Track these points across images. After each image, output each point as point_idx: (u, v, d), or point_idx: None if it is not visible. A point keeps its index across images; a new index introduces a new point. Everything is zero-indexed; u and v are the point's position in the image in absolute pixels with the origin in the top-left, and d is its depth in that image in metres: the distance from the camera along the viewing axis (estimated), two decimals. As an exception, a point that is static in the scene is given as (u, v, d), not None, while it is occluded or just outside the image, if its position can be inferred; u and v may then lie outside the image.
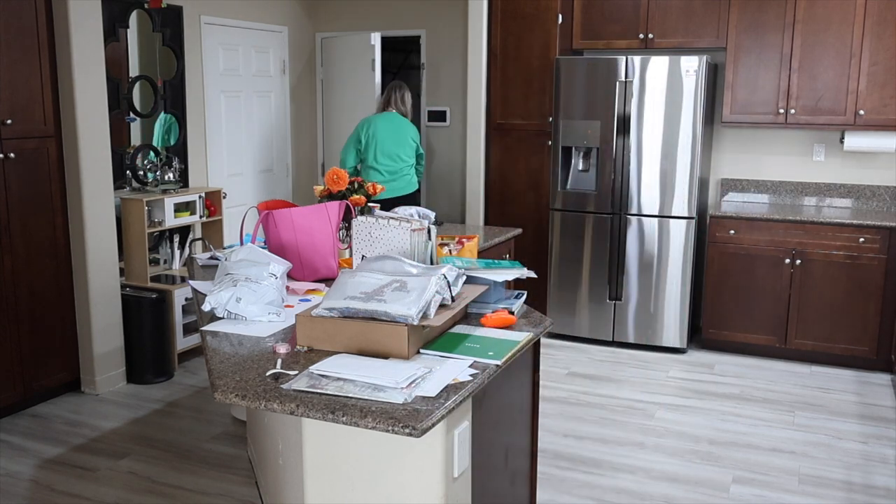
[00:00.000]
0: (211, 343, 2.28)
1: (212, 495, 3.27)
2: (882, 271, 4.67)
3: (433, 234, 2.88)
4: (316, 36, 6.55)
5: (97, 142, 4.25)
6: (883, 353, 4.73)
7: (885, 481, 3.43)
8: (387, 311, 2.09)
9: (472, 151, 5.64)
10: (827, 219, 4.80)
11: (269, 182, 6.21)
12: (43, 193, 4.11)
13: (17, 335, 4.02)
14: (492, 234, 4.36)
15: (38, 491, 3.32)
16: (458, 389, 1.89)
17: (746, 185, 5.45)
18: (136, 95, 5.00)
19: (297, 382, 1.91)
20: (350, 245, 3.09)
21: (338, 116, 6.60)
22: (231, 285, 2.48)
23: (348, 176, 3.49)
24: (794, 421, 4.07)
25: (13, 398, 4.03)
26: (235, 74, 5.78)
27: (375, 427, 1.72)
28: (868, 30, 4.75)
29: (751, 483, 3.40)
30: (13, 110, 3.92)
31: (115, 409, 4.19)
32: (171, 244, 5.04)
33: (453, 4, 6.00)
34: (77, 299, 4.31)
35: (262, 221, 2.98)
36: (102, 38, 4.26)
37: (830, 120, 4.93)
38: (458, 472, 1.97)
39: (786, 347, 4.95)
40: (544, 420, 3.91)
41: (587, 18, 5.37)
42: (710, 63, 5.00)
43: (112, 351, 4.43)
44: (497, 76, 5.53)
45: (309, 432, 2.05)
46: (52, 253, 4.18)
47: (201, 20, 5.41)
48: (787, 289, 4.88)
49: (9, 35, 3.87)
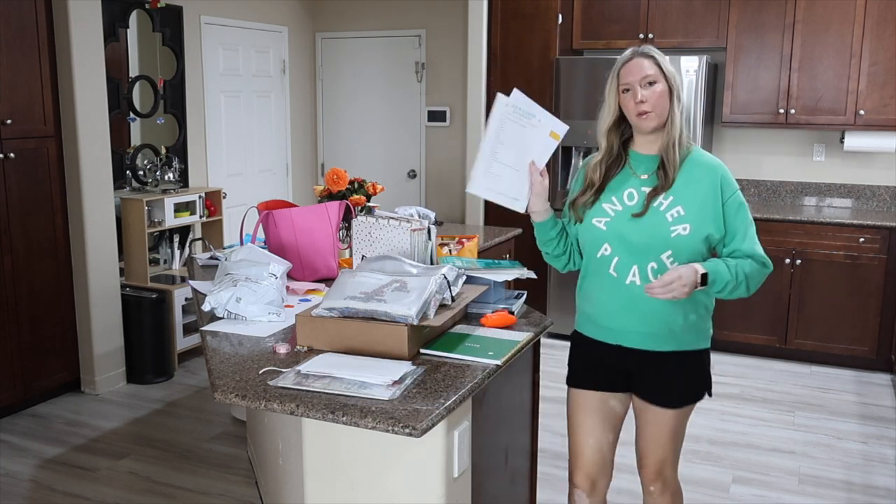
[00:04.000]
0: (211, 343, 2.27)
1: (212, 495, 3.27)
2: (882, 271, 4.67)
3: (433, 234, 2.88)
4: (316, 36, 6.54)
5: (97, 142, 4.25)
6: (883, 353, 4.73)
7: (885, 481, 3.43)
8: (387, 311, 2.09)
9: (473, 151, 5.64)
10: (827, 219, 4.80)
11: (269, 182, 6.21)
12: (43, 193, 4.11)
13: (17, 335, 4.02)
14: (492, 234, 4.36)
15: (38, 491, 3.32)
16: (457, 389, 1.89)
17: (746, 184, 5.45)
18: (136, 95, 4.99)
19: (284, 380, 1.92)
20: (350, 245, 3.08)
21: (338, 116, 6.61)
22: (231, 285, 2.48)
23: (348, 176, 3.49)
24: (794, 421, 4.07)
25: (13, 398, 4.03)
26: (235, 74, 5.78)
27: (375, 427, 1.72)
28: (868, 30, 4.75)
29: (751, 483, 3.40)
30: (13, 110, 3.92)
31: (115, 409, 4.18)
32: (171, 244, 5.04)
33: (453, 4, 5.99)
34: (77, 299, 4.31)
35: (262, 221, 2.98)
36: (102, 38, 4.26)
37: (830, 120, 4.93)
38: (458, 472, 1.97)
39: (786, 347, 4.94)
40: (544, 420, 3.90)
41: (587, 18, 5.37)
42: (710, 63, 5.00)
43: (112, 351, 4.42)
44: (497, 76, 5.53)
45: (309, 432, 2.05)
46: (52, 253, 4.18)
47: (201, 20, 5.40)
48: (787, 289, 4.88)
49: (9, 35, 3.87)
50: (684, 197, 2.12)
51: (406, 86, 6.31)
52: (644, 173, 2.17)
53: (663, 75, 2.13)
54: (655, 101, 2.11)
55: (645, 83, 2.11)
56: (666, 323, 2.16)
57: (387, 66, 6.36)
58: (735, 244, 2.15)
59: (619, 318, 2.19)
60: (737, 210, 2.14)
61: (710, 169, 2.16)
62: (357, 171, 5.09)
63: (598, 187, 2.20)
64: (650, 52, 2.16)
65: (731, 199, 2.14)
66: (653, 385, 2.24)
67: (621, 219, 2.16)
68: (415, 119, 6.33)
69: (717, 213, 2.12)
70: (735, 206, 2.14)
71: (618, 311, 2.18)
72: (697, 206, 2.11)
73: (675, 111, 2.14)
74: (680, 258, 2.10)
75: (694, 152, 2.19)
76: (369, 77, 6.43)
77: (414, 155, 6.38)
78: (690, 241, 2.10)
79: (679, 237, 2.10)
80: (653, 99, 2.10)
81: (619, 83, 2.15)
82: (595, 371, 2.29)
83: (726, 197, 2.13)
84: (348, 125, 6.59)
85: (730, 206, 2.13)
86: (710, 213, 2.11)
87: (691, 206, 2.11)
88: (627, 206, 2.16)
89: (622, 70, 2.16)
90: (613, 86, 2.18)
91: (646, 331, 2.17)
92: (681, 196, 2.12)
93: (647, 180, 2.16)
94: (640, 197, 2.15)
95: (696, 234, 2.10)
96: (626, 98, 2.14)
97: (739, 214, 2.15)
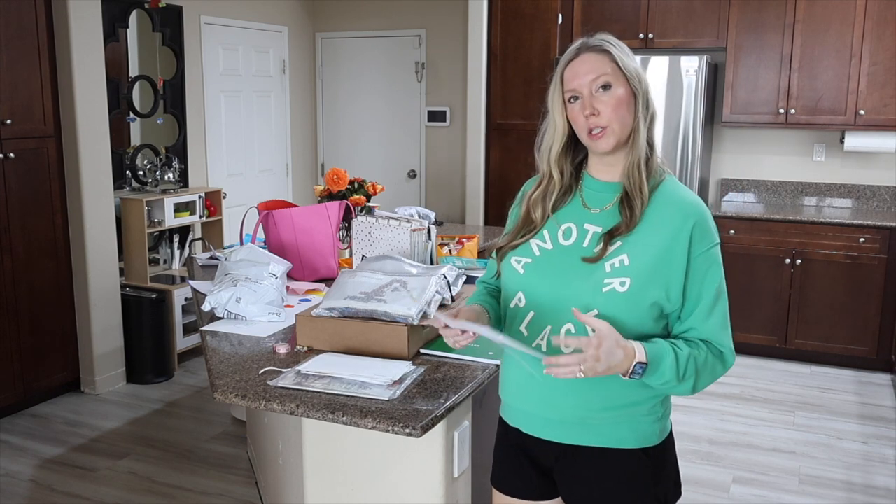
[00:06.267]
0: (211, 343, 2.27)
1: (212, 495, 3.27)
2: (882, 271, 4.66)
3: (433, 234, 2.88)
4: (316, 36, 6.54)
5: (97, 142, 4.25)
6: (883, 353, 4.73)
7: (885, 481, 3.43)
8: (387, 311, 2.09)
9: (472, 151, 5.64)
10: (827, 219, 4.80)
11: (269, 182, 6.21)
12: (43, 193, 4.11)
13: (17, 335, 4.01)
14: (492, 234, 4.36)
15: (38, 491, 3.32)
16: (457, 389, 1.89)
17: (746, 185, 5.45)
18: (136, 95, 4.99)
19: (284, 380, 1.92)
20: (350, 245, 3.09)
21: (338, 116, 6.61)
22: (231, 285, 2.48)
23: (348, 176, 3.49)
24: (794, 421, 4.07)
25: (13, 398, 4.03)
26: (235, 74, 5.78)
27: (375, 427, 1.72)
28: (868, 30, 4.75)
29: (751, 483, 3.40)
30: (13, 110, 3.92)
31: (115, 409, 4.18)
32: (171, 244, 5.04)
33: (453, 4, 5.99)
34: (77, 299, 4.31)
35: (262, 221, 2.98)
36: (102, 38, 4.26)
37: (830, 120, 4.92)
38: (458, 472, 1.97)
39: (786, 347, 4.94)
40: (544, 420, 3.91)
41: (587, 18, 5.36)
42: (710, 63, 5.00)
43: (112, 351, 4.42)
44: (497, 76, 5.53)
45: (309, 432, 2.05)
46: (52, 253, 4.18)
47: (201, 20, 5.40)
48: (788, 289, 4.87)
49: (9, 35, 3.87)
50: (636, 242, 1.52)
51: (406, 86, 6.31)
52: (596, 206, 1.61)
53: (623, 75, 1.55)
54: (612, 113, 1.54)
55: (597, 87, 1.55)
56: (574, 407, 1.57)
57: (387, 66, 6.36)
58: (693, 321, 1.54)
59: (522, 395, 1.64)
60: (705, 272, 1.53)
61: (683, 210, 1.55)
62: (357, 171, 5.09)
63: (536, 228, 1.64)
64: (603, 43, 1.58)
65: (703, 257, 1.53)
66: (575, 493, 1.65)
67: (545, 260, 1.60)
68: (415, 119, 6.33)
69: (674, 272, 1.52)
70: (705, 265, 1.53)
71: (520, 386, 1.64)
72: (651, 257, 1.51)
73: (639, 123, 1.56)
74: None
75: (667, 183, 1.59)
76: (369, 77, 6.43)
77: (414, 155, 6.38)
78: (626, 304, 1.51)
79: (612, 294, 1.50)
80: (608, 109, 1.54)
81: (564, 89, 1.60)
82: (516, 470, 1.72)
83: (696, 252, 1.52)
84: (348, 125, 6.59)
85: (697, 266, 1.53)
86: (665, 271, 1.52)
87: (642, 257, 1.51)
88: (560, 245, 1.60)
89: (566, 71, 1.59)
90: (557, 94, 1.61)
91: (550, 416, 1.60)
92: (632, 240, 1.53)
93: (597, 216, 1.60)
94: (578, 236, 1.59)
95: (635, 294, 1.50)
96: (574, 110, 1.59)
97: (708, 279, 1.53)
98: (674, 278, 1.52)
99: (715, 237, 1.56)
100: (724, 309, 1.57)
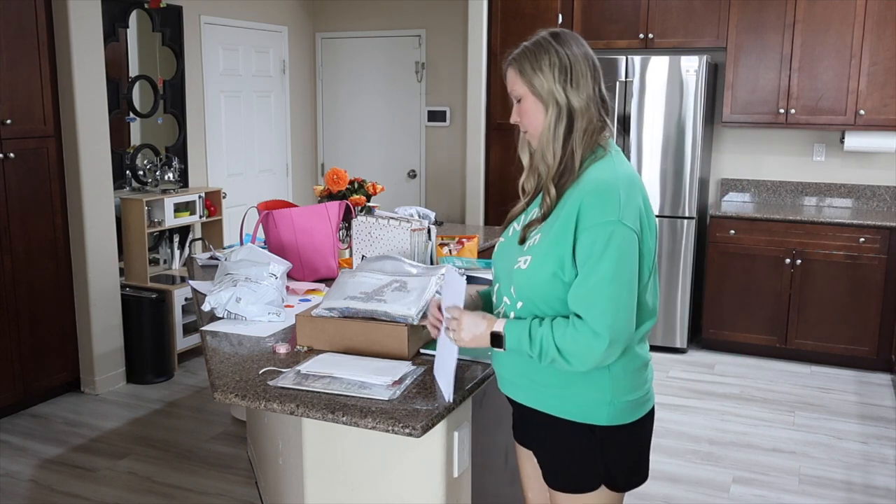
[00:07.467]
0: (211, 343, 2.27)
1: (212, 495, 3.27)
2: (882, 271, 4.67)
3: (433, 234, 2.88)
4: (316, 36, 6.54)
5: (97, 142, 4.25)
6: (883, 353, 4.73)
7: (885, 481, 3.43)
8: (387, 311, 2.09)
9: (472, 151, 5.64)
10: (827, 219, 4.80)
11: (269, 182, 6.21)
12: (43, 193, 4.11)
13: (17, 335, 4.01)
14: (492, 234, 4.36)
15: (38, 491, 3.32)
16: (457, 389, 1.88)
17: (746, 185, 5.45)
18: (136, 95, 4.99)
19: (284, 380, 1.92)
20: (350, 245, 3.09)
21: (338, 116, 6.61)
22: (231, 285, 2.48)
23: (348, 176, 3.49)
24: (794, 421, 4.07)
25: (13, 398, 4.03)
26: (235, 74, 5.78)
27: (375, 427, 1.72)
28: (868, 30, 4.75)
29: (751, 483, 3.40)
30: (13, 110, 3.92)
31: (115, 409, 4.18)
32: (171, 244, 5.04)
33: (453, 4, 5.99)
34: (77, 299, 4.31)
35: (262, 221, 2.98)
36: (102, 38, 4.25)
37: (830, 120, 4.92)
38: (458, 472, 1.97)
39: (786, 347, 4.94)
40: (544, 420, 3.90)
41: (587, 18, 5.37)
42: (711, 63, 5.00)
43: (112, 351, 4.42)
44: (497, 76, 5.53)
45: (309, 432, 2.05)
46: (52, 253, 4.18)
47: (201, 20, 5.40)
48: (788, 289, 4.87)
49: (9, 35, 3.87)
50: (547, 225, 1.69)
51: (406, 86, 6.31)
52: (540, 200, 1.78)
53: (528, 87, 1.69)
54: (526, 122, 1.73)
55: (515, 99, 1.74)
56: (520, 368, 1.77)
57: (387, 66, 6.36)
58: (571, 291, 1.63)
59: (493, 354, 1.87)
60: (591, 245, 1.59)
61: (582, 187, 1.65)
62: (357, 171, 5.10)
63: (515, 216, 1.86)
64: (511, 60, 1.73)
65: (590, 230, 1.60)
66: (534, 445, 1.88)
67: (502, 244, 1.86)
68: (415, 119, 6.33)
69: (564, 244, 1.63)
70: (590, 238, 1.59)
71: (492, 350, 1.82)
72: (551, 235, 1.66)
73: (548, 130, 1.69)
74: (522, 297, 1.70)
75: (596, 165, 1.69)
76: (369, 77, 6.43)
77: (414, 155, 6.38)
78: (528, 279, 1.68)
79: (518, 271, 1.70)
80: (523, 119, 1.73)
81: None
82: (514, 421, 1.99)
83: (583, 225, 1.60)
84: (348, 125, 6.59)
85: (583, 239, 1.60)
86: (559, 244, 1.63)
87: (545, 237, 1.67)
88: (515, 230, 1.81)
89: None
90: None
91: (505, 375, 1.83)
92: (546, 224, 1.69)
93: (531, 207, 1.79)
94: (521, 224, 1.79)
95: (535, 269, 1.67)
96: None
97: (594, 253, 1.59)
98: (565, 250, 1.63)
99: (607, 214, 1.60)
100: (603, 284, 1.59)
